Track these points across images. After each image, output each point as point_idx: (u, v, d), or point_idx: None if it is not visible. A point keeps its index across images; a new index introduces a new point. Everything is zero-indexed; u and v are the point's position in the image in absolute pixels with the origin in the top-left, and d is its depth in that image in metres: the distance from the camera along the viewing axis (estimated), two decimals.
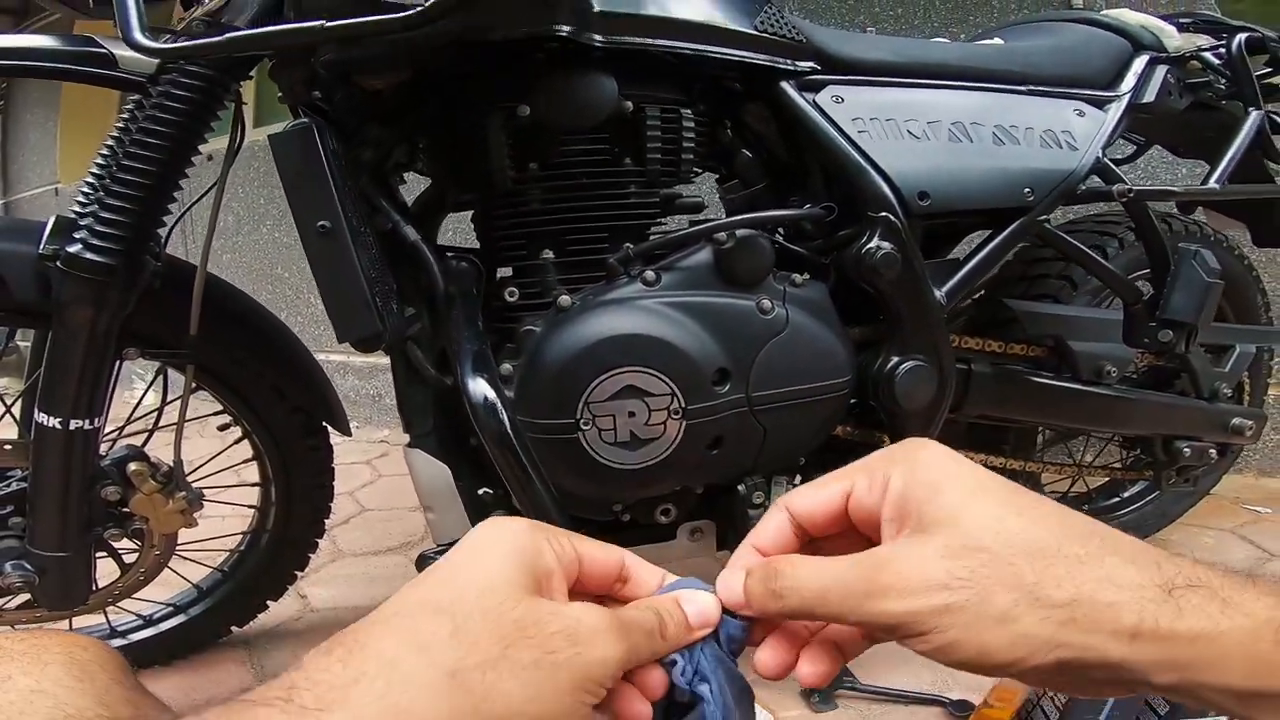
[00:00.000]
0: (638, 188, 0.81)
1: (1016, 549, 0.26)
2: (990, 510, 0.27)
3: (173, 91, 0.73)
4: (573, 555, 0.30)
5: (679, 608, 0.31)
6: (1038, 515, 0.27)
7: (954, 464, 0.29)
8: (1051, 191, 0.91)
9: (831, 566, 0.28)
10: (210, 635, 1.08)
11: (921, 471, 0.28)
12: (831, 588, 0.28)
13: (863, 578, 0.27)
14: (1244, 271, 1.24)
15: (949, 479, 0.28)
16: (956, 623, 0.25)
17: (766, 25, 0.81)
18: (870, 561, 0.28)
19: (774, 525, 0.32)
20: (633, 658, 0.28)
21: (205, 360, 0.90)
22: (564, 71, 0.74)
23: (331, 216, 0.69)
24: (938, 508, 0.27)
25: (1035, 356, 1.01)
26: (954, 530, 0.27)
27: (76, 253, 0.74)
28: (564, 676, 0.26)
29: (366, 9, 0.61)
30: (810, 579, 0.28)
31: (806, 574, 0.29)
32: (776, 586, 0.29)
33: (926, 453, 0.29)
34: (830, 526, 0.31)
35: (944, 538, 0.27)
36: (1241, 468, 1.68)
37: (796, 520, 0.32)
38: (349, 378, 2.36)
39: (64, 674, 0.31)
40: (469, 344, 0.73)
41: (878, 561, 0.28)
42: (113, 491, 0.86)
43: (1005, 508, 0.27)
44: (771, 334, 0.76)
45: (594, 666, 0.26)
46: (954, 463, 0.29)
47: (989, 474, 0.28)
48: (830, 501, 0.31)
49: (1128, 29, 1.07)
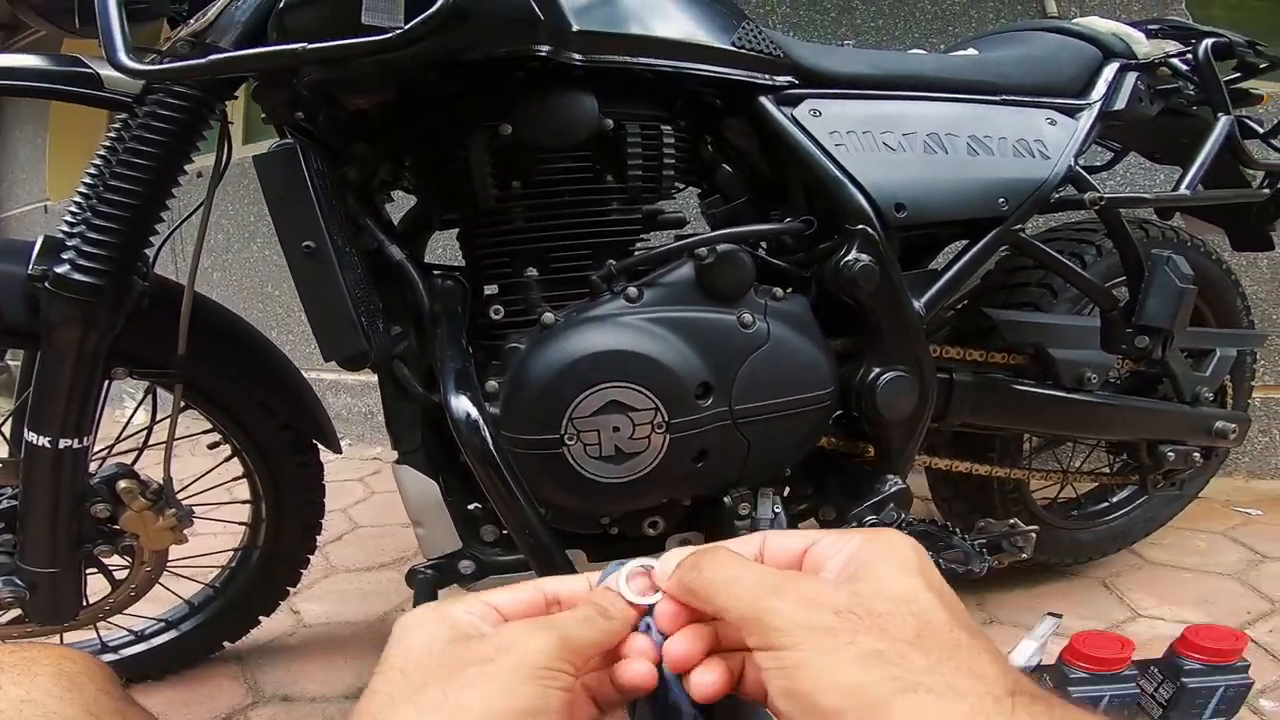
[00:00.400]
0: (620, 204, 0.82)
1: (913, 613, 0.27)
2: (911, 584, 0.29)
3: (158, 112, 0.74)
4: (484, 608, 0.32)
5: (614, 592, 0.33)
6: (949, 602, 0.29)
7: (909, 548, 0.30)
8: (1025, 201, 0.93)
9: (758, 567, 0.31)
10: (202, 650, 1.08)
11: (878, 544, 0.30)
12: (744, 579, 0.29)
13: (777, 580, 0.29)
14: (1222, 276, 1.26)
15: (897, 554, 0.30)
16: (818, 647, 0.26)
17: (744, 41, 0.82)
18: (793, 574, 0.30)
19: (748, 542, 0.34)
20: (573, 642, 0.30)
21: (194, 379, 0.90)
22: (544, 91, 0.75)
23: (316, 237, 0.70)
24: (873, 568, 0.29)
25: (1017, 365, 1.03)
26: (871, 584, 0.28)
27: (64, 273, 0.75)
28: (511, 672, 0.28)
29: (347, 31, 0.62)
30: (728, 566, 0.30)
31: (729, 562, 0.31)
32: (700, 561, 0.31)
33: (893, 536, 0.31)
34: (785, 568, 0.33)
35: (863, 585, 0.29)
36: (1231, 470, 1.69)
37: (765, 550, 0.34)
38: (341, 395, 2.36)
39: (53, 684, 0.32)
40: (452, 362, 0.73)
41: (799, 576, 0.30)
42: (103, 509, 0.86)
43: (926, 588, 0.29)
44: (753, 347, 0.77)
45: (531, 655, 0.28)
46: (910, 548, 0.31)
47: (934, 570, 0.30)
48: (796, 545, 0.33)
49: (1098, 37, 1.08)
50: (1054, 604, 1.16)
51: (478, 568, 0.83)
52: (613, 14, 0.74)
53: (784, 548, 0.33)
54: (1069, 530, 1.24)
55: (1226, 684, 0.83)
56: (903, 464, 0.90)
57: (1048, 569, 1.26)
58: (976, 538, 0.92)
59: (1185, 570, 1.29)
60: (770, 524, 0.82)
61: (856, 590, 0.28)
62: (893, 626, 0.27)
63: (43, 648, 0.36)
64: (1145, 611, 1.16)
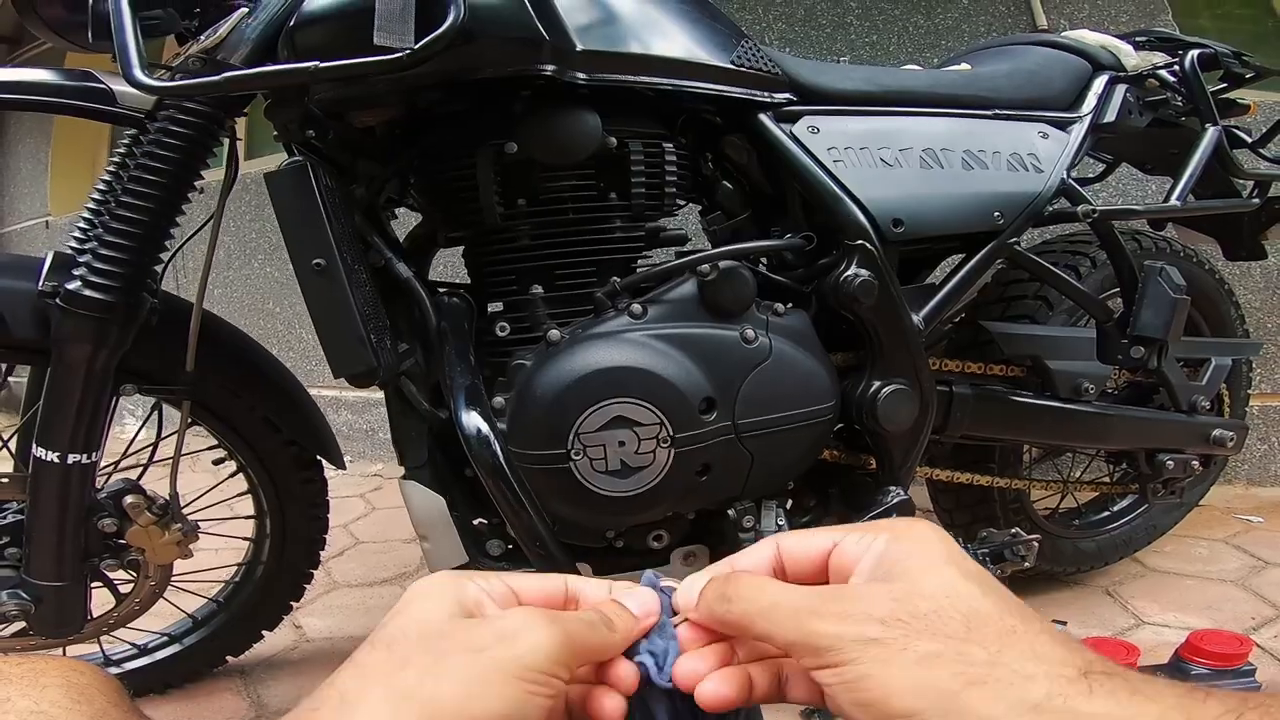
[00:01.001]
0: (623, 222, 0.83)
1: (959, 609, 0.27)
2: (949, 577, 0.28)
3: (170, 128, 0.75)
4: (503, 588, 0.31)
5: (620, 604, 0.32)
6: (991, 591, 0.28)
7: (937, 540, 0.30)
8: (1020, 214, 0.94)
9: (790, 588, 0.30)
10: (205, 665, 1.08)
11: (905, 540, 0.30)
12: (781, 603, 0.29)
13: (814, 600, 0.29)
14: (1215, 285, 1.27)
15: (926, 548, 0.30)
16: (876, 658, 0.26)
17: (743, 59, 0.83)
18: (827, 590, 0.29)
19: (759, 554, 0.33)
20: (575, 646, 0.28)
21: (200, 395, 0.91)
22: (549, 109, 0.76)
23: (326, 254, 0.71)
24: (905, 567, 0.29)
25: (1015, 376, 1.03)
26: (908, 584, 0.28)
27: (76, 290, 0.75)
28: (497, 669, 0.26)
29: (357, 50, 0.63)
30: (764, 592, 0.30)
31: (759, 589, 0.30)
32: (729, 591, 0.30)
33: (918, 527, 0.31)
34: (809, 574, 0.32)
35: (897, 587, 0.28)
36: (1231, 478, 1.70)
37: (781, 556, 0.33)
38: (342, 412, 2.36)
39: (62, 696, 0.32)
40: (462, 379, 0.74)
41: (834, 591, 0.29)
42: (109, 524, 0.87)
43: (964, 578, 0.28)
44: (756, 363, 0.78)
45: (526, 655, 0.27)
46: (938, 539, 0.30)
47: (965, 555, 0.30)
48: (818, 548, 0.32)
49: (1087, 50, 1.10)
50: (1058, 613, 1.16)
51: None
52: (615, 33, 0.76)
53: (804, 551, 0.32)
54: (1071, 539, 1.24)
55: (1233, 688, 0.84)
56: (904, 475, 0.91)
57: (1050, 578, 1.26)
58: (979, 547, 0.93)
59: (1188, 577, 1.29)
60: None
61: (894, 594, 0.28)
62: (941, 626, 0.26)
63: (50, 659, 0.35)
64: (1149, 619, 1.16)
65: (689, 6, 0.84)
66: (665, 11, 0.81)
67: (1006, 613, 0.27)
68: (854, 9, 1.90)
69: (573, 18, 0.73)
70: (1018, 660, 0.25)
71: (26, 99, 0.78)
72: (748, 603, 0.30)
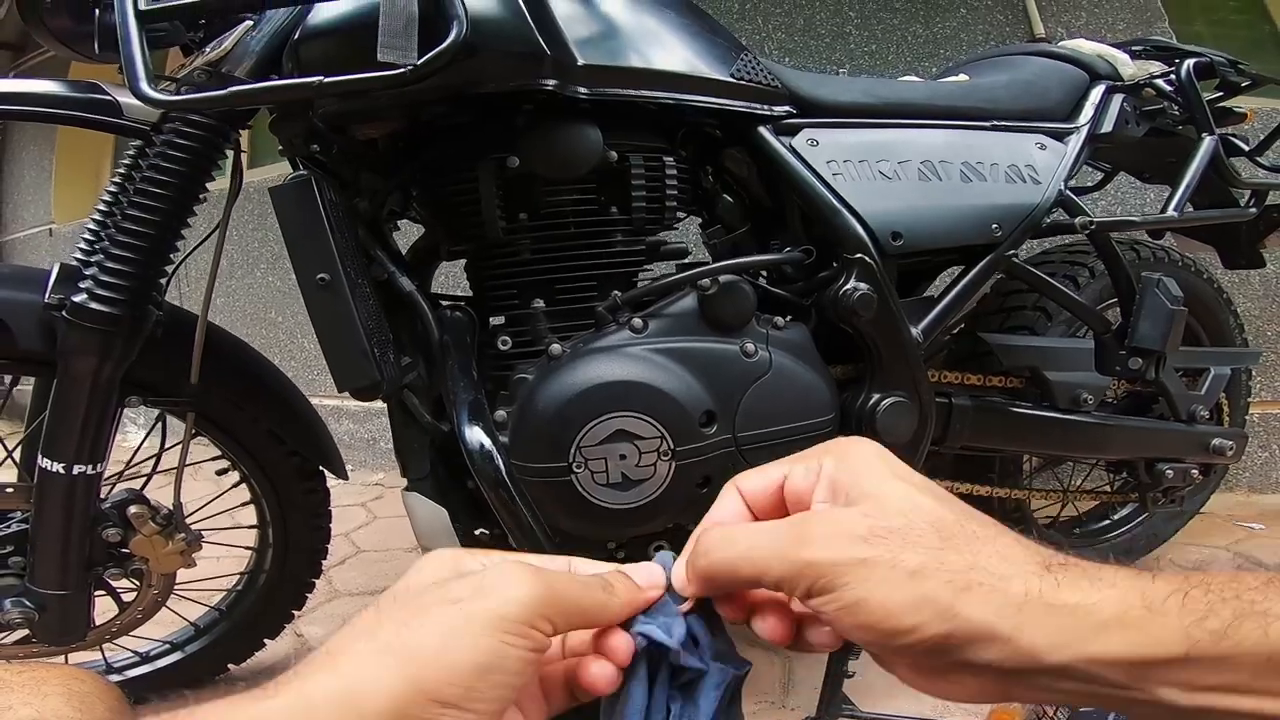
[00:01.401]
0: (624, 236, 0.83)
1: (926, 520, 0.28)
2: (906, 491, 0.30)
3: (175, 140, 0.75)
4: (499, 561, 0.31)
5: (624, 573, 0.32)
6: (945, 500, 0.30)
7: (878, 457, 0.31)
8: (1018, 226, 0.94)
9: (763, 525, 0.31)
10: (207, 672, 1.08)
11: (851, 460, 0.31)
12: (761, 542, 0.29)
13: (791, 531, 0.29)
14: (1214, 295, 1.27)
15: (873, 466, 0.31)
16: (870, 577, 0.27)
17: (743, 72, 0.84)
18: (799, 518, 0.30)
19: (729, 503, 0.34)
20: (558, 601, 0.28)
21: (204, 407, 0.91)
22: (551, 123, 0.76)
23: (330, 268, 0.71)
24: (861, 487, 0.30)
25: (1014, 388, 1.04)
26: (874, 503, 0.29)
27: (82, 302, 0.76)
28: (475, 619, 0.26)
29: (361, 64, 0.64)
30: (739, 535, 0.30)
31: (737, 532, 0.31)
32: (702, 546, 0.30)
33: (857, 446, 0.32)
34: (770, 510, 0.33)
35: (865, 507, 0.29)
36: (1232, 485, 1.70)
37: (746, 500, 0.33)
38: (344, 422, 2.36)
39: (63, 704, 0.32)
40: (464, 393, 0.75)
41: (806, 518, 0.30)
42: (113, 533, 0.87)
43: (919, 491, 0.30)
44: (756, 376, 0.79)
45: (502, 605, 0.27)
46: (878, 456, 0.32)
47: (907, 468, 0.31)
48: (771, 484, 0.33)
49: (1084, 59, 1.10)
50: None
51: None
52: (616, 48, 0.77)
53: (762, 489, 0.33)
54: (1072, 548, 1.24)
55: None
56: None
57: None
58: None
59: None
60: None
61: (865, 512, 0.29)
62: (918, 537, 0.27)
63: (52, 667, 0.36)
64: None
65: (689, 20, 0.84)
66: (665, 25, 0.82)
67: (966, 518, 0.29)
68: (853, 19, 1.91)
69: (574, 32, 0.74)
70: (991, 562, 0.27)
71: (34, 110, 0.78)
72: (724, 549, 0.30)
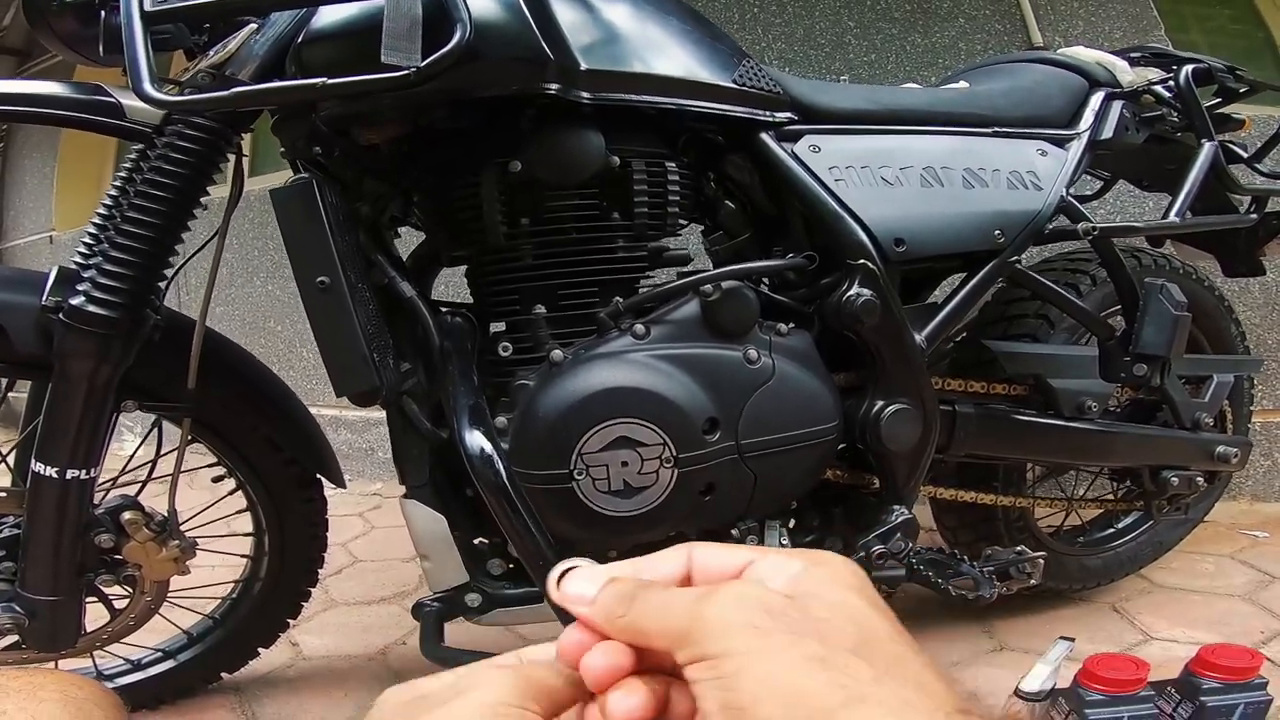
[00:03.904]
0: (626, 242, 0.83)
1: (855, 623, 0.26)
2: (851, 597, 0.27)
3: (177, 143, 0.75)
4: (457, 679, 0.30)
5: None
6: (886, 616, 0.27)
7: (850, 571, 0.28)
8: (1020, 233, 0.94)
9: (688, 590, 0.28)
10: (200, 681, 1.07)
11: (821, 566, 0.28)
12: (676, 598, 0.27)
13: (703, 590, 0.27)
14: (1216, 302, 1.27)
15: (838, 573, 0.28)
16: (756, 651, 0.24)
17: (745, 79, 0.84)
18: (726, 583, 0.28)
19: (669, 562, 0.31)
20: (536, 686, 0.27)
21: (201, 413, 0.90)
22: (553, 128, 0.76)
23: (330, 272, 0.71)
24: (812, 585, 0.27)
25: (1017, 395, 1.03)
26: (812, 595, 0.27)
27: (80, 305, 0.75)
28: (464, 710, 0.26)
29: (365, 67, 0.64)
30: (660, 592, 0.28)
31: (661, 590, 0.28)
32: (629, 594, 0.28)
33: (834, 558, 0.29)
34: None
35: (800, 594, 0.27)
36: (1235, 494, 1.70)
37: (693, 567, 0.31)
38: (341, 431, 2.35)
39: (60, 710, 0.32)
40: (465, 399, 0.74)
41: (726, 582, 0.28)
42: (106, 539, 0.86)
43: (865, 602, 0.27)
44: (759, 383, 0.78)
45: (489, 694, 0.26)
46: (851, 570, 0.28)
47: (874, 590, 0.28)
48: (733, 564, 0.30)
49: (1083, 66, 1.10)
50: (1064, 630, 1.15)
51: (484, 600, 0.83)
52: (619, 53, 0.77)
53: (718, 566, 0.30)
54: (1076, 556, 1.23)
55: (1245, 701, 0.83)
56: (908, 494, 0.90)
57: (1056, 596, 1.25)
58: (985, 564, 0.92)
59: (1195, 593, 1.28)
60: None
61: (793, 594, 0.27)
62: (832, 633, 0.25)
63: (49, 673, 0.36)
64: (1157, 634, 1.15)
65: (691, 26, 0.85)
66: (668, 31, 0.82)
67: (899, 639, 0.27)
68: (852, 28, 1.92)
69: (577, 37, 0.74)
70: (902, 686, 0.25)
71: (36, 111, 0.78)
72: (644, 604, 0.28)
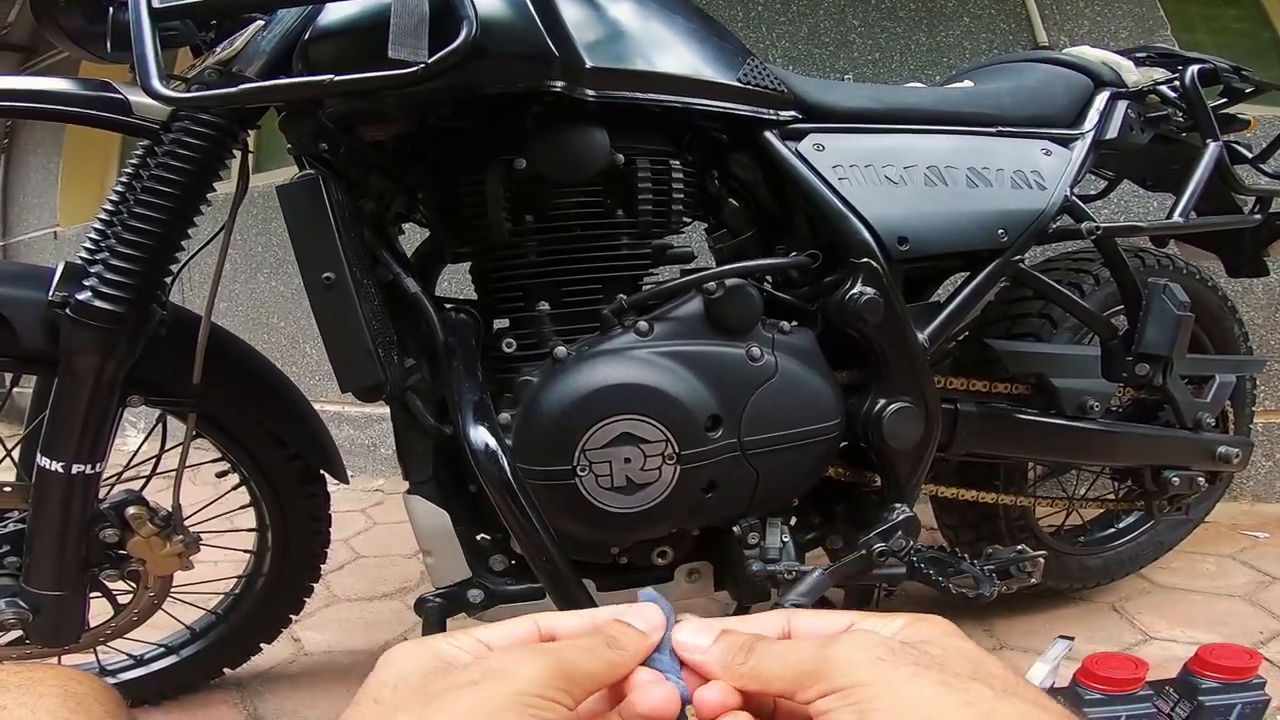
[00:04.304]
0: (630, 239, 0.83)
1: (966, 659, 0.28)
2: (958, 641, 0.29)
3: (184, 139, 0.75)
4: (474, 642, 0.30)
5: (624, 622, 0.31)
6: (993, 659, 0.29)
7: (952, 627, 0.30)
8: (1024, 232, 0.94)
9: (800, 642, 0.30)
10: (202, 676, 1.07)
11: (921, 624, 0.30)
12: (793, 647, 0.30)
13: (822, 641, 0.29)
14: (1219, 303, 1.27)
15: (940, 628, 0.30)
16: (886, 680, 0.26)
17: (749, 77, 0.84)
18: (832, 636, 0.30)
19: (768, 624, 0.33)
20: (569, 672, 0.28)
21: (206, 408, 0.91)
22: (558, 125, 0.77)
23: (336, 268, 0.71)
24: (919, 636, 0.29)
25: (1020, 394, 1.03)
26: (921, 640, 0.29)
27: (86, 300, 0.75)
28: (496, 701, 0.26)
29: (371, 64, 0.64)
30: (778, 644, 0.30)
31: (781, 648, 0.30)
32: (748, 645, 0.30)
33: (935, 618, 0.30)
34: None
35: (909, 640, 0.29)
36: (1236, 495, 1.70)
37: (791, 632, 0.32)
38: (344, 428, 2.35)
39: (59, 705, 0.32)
40: (469, 394, 0.74)
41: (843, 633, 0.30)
42: (111, 534, 0.86)
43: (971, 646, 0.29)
44: (761, 380, 0.78)
45: (521, 683, 0.26)
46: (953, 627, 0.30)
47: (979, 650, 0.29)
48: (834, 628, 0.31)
49: (1089, 66, 1.10)
50: (1064, 629, 1.16)
51: (486, 596, 0.83)
52: (624, 51, 0.77)
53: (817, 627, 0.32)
54: (1077, 556, 1.24)
55: (1243, 701, 0.83)
56: (910, 493, 0.90)
57: (1057, 595, 1.26)
58: (985, 563, 0.92)
59: (1195, 593, 1.29)
60: (779, 553, 0.82)
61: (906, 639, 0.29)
62: (949, 663, 0.27)
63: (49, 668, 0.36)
64: (1156, 634, 1.15)
65: (696, 25, 0.85)
66: (673, 29, 0.82)
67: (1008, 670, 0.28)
68: (857, 27, 1.91)
69: (582, 35, 0.74)
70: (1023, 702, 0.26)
71: (43, 108, 0.77)
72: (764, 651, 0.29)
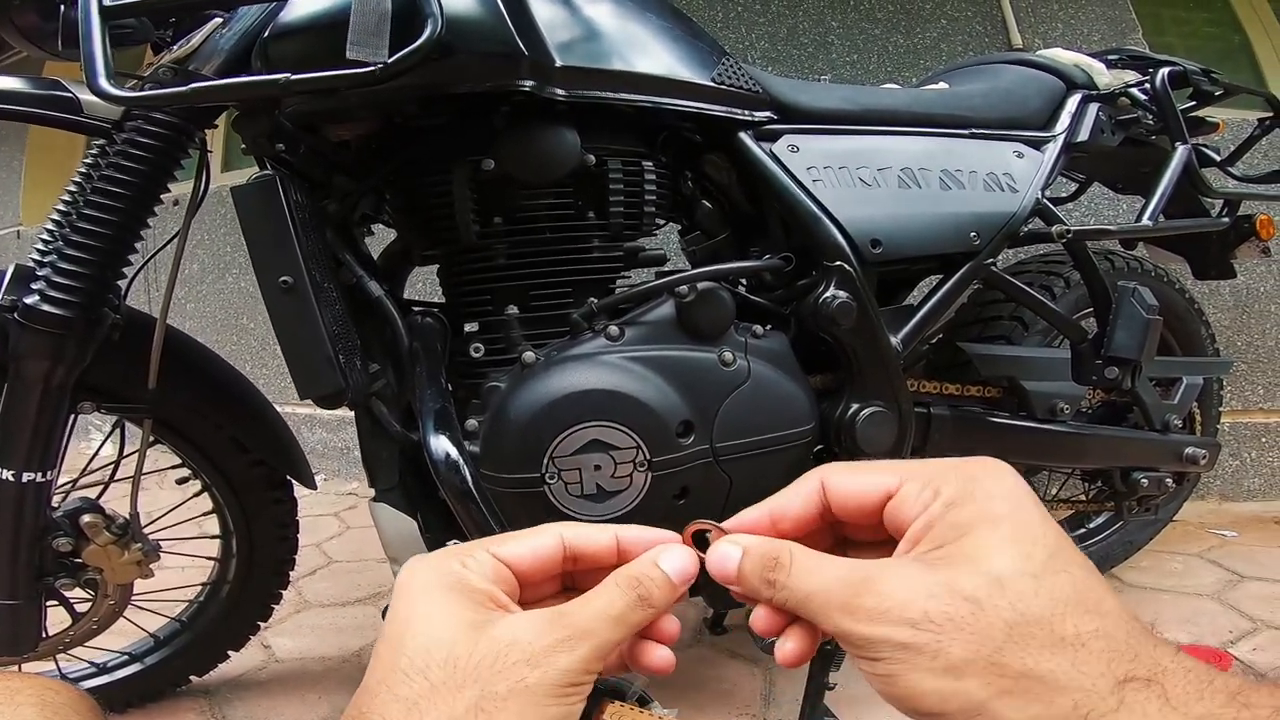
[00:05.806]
0: (601, 241, 0.82)
1: (1005, 610, 0.25)
2: (1007, 565, 0.26)
3: (136, 139, 0.73)
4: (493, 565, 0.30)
5: (658, 568, 0.31)
6: (1055, 583, 0.26)
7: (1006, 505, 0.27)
8: (996, 235, 0.94)
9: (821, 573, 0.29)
10: (167, 684, 1.06)
11: (966, 508, 0.28)
12: (816, 594, 0.28)
13: (845, 592, 0.28)
14: (1186, 305, 1.29)
15: (991, 520, 0.27)
16: (906, 660, 0.26)
17: (724, 77, 0.83)
18: (859, 576, 0.28)
19: (802, 498, 0.32)
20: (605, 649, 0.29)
21: (163, 414, 0.89)
22: (527, 125, 0.75)
23: (293, 271, 0.69)
24: (958, 549, 0.27)
25: (991, 397, 1.04)
26: (957, 573, 0.26)
27: (34, 304, 0.74)
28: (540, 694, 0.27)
29: (331, 63, 0.62)
30: (801, 581, 0.29)
31: (800, 573, 0.29)
32: (773, 577, 0.29)
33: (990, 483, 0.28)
34: (861, 518, 0.31)
35: (944, 575, 0.26)
36: (1204, 494, 1.73)
37: (828, 496, 0.31)
38: (317, 430, 2.32)
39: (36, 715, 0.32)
40: (431, 402, 0.73)
41: (866, 577, 0.28)
42: (65, 543, 0.85)
43: (1025, 565, 0.26)
44: (734, 385, 0.77)
45: (561, 675, 0.28)
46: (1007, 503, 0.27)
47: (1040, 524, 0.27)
48: (869, 494, 0.30)
49: (1061, 68, 1.11)
50: None
51: None
52: (596, 50, 0.75)
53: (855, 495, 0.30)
54: None
55: None
56: None
57: None
58: None
59: (1165, 592, 1.31)
60: None
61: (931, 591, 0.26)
62: (980, 628, 0.25)
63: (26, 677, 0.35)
64: None
65: (670, 24, 0.83)
66: (646, 28, 0.81)
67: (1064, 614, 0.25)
68: (835, 29, 1.92)
69: (552, 33, 0.72)
70: (1054, 670, 0.25)
71: None
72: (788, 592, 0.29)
